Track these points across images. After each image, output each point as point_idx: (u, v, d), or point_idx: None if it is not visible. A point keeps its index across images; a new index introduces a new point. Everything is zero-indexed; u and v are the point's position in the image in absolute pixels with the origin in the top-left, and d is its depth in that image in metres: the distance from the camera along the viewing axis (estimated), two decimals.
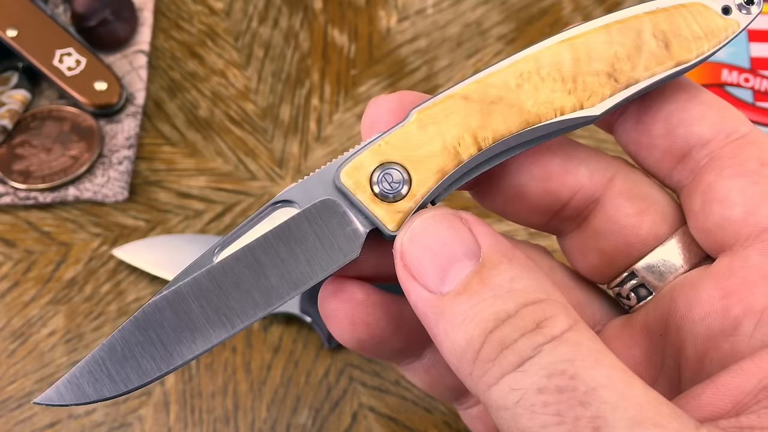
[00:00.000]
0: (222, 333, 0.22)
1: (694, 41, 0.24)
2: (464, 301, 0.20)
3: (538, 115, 0.23)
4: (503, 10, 0.55)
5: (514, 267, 0.21)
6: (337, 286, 0.25)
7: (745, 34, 0.48)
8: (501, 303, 0.20)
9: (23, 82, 0.50)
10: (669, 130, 0.24)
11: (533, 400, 0.18)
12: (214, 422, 0.42)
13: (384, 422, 0.42)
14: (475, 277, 0.20)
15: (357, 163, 0.23)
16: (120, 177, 0.47)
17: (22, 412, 0.42)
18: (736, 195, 0.23)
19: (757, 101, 0.46)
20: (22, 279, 0.45)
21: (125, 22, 0.52)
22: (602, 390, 0.18)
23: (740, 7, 0.24)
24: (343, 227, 0.23)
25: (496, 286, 0.20)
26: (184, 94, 0.52)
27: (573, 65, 0.23)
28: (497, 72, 0.23)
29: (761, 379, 0.20)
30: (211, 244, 0.23)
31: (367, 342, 0.25)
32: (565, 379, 0.18)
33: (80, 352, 0.43)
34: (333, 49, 0.54)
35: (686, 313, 0.23)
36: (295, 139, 0.50)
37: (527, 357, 0.19)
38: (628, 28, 0.23)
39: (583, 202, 0.26)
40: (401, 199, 0.23)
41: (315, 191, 0.23)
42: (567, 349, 0.19)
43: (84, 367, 0.22)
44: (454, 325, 0.20)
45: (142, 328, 0.22)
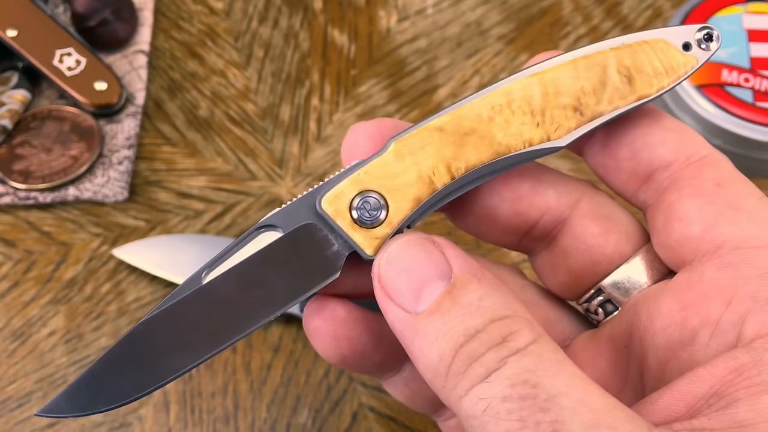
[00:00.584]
0: (210, 349, 0.24)
1: (655, 77, 0.25)
2: (437, 319, 0.21)
3: (508, 146, 0.25)
4: (503, 10, 0.55)
5: (482, 286, 0.22)
6: (320, 304, 0.26)
7: (746, 34, 0.48)
8: (470, 320, 0.21)
9: (23, 82, 0.50)
10: (633, 153, 0.26)
11: (498, 408, 0.19)
12: (214, 422, 0.42)
13: (384, 422, 0.42)
14: (447, 296, 0.22)
15: (337, 191, 0.24)
16: (120, 177, 0.47)
17: (22, 412, 0.42)
18: (695, 214, 0.24)
19: (757, 101, 0.46)
20: (22, 279, 0.45)
21: (125, 22, 0.52)
22: (562, 397, 0.19)
23: (699, 43, 0.25)
24: (324, 250, 0.25)
25: (466, 305, 0.21)
26: (184, 94, 0.52)
27: (542, 99, 0.25)
28: (470, 105, 0.25)
29: (713, 385, 0.21)
30: (211, 244, 0.24)
31: (349, 357, 0.26)
32: (527, 387, 0.19)
33: (80, 352, 0.43)
34: (333, 49, 0.53)
35: (648, 324, 0.25)
36: (295, 139, 0.50)
37: (494, 369, 0.20)
38: (594, 64, 0.25)
39: (551, 222, 0.27)
40: (379, 225, 0.24)
41: (297, 216, 0.25)
42: (530, 360, 0.20)
43: (81, 380, 0.24)
44: (428, 342, 0.21)
45: (136, 345, 0.24)
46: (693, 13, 0.49)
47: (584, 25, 0.54)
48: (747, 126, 0.45)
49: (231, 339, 0.24)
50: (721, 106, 0.46)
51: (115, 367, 0.24)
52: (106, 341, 0.43)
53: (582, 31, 0.54)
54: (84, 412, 0.24)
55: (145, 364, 0.24)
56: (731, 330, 0.23)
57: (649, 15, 0.54)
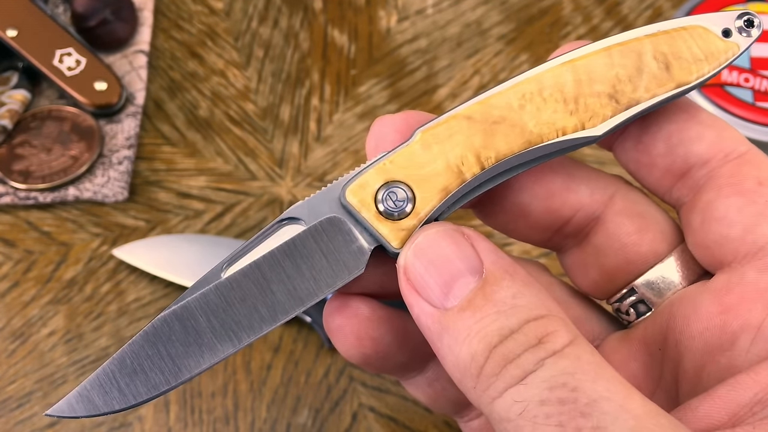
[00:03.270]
0: (229, 347, 0.23)
1: (694, 63, 0.24)
2: (468, 317, 0.20)
3: (540, 135, 0.24)
4: (503, 10, 0.55)
5: (516, 283, 0.21)
6: (342, 302, 0.25)
7: None
8: (505, 319, 0.20)
9: (23, 82, 0.50)
10: (669, 149, 0.25)
11: (536, 412, 0.19)
12: (214, 422, 0.42)
13: (384, 422, 0.42)
14: (479, 293, 0.21)
15: (362, 182, 0.23)
16: (120, 177, 0.47)
17: (22, 412, 0.42)
18: (735, 214, 0.23)
19: (757, 101, 0.46)
20: (22, 279, 0.45)
21: (125, 22, 0.52)
22: (603, 402, 0.18)
23: (740, 29, 0.24)
24: (349, 244, 0.24)
25: (499, 302, 0.20)
26: (184, 94, 0.52)
27: (575, 87, 0.24)
28: (500, 93, 0.24)
29: (757, 393, 0.20)
30: (211, 244, 0.24)
31: (372, 357, 0.25)
32: (566, 391, 0.19)
33: (80, 352, 0.43)
34: (333, 49, 0.54)
35: (684, 327, 0.24)
36: (295, 139, 0.50)
37: (530, 371, 0.19)
38: (630, 50, 0.24)
39: (584, 219, 0.26)
40: (405, 217, 0.23)
41: (321, 208, 0.24)
42: (568, 362, 0.19)
43: (94, 380, 0.23)
44: (458, 340, 0.20)
45: (151, 342, 0.23)
46: (693, 13, 0.49)
47: (584, 25, 0.54)
48: (747, 126, 0.45)
49: (250, 337, 0.23)
50: (721, 106, 0.46)
51: (129, 366, 0.23)
52: (106, 341, 0.43)
53: (582, 31, 0.54)
54: (97, 413, 0.23)
55: (161, 362, 0.23)
56: None
57: (649, 15, 0.54)
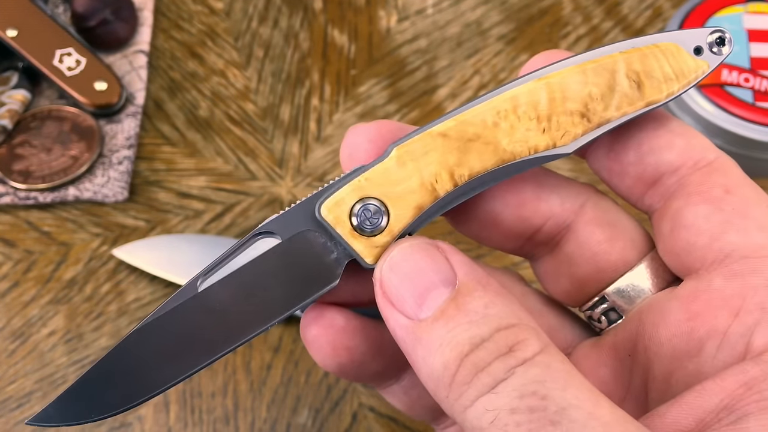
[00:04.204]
0: (204, 359, 0.23)
1: (665, 82, 0.24)
2: (441, 327, 0.21)
3: (513, 153, 0.24)
4: (503, 10, 0.55)
5: (488, 293, 0.21)
6: (318, 312, 0.26)
7: (746, 34, 0.48)
8: (476, 328, 0.20)
9: (23, 82, 0.50)
10: (639, 157, 0.25)
11: (506, 420, 0.19)
12: (214, 422, 0.42)
13: (384, 422, 0.42)
14: (451, 303, 0.21)
15: (337, 198, 0.24)
16: (120, 177, 0.47)
17: (22, 412, 0.42)
18: (702, 221, 0.24)
19: (757, 101, 0.46)
20: (22, 279, 0.45)
21: (125, 22, 0.52)
22: (572, 410, 0.19)
23: (711, 46, 0.24)
24: (323, 258, 0.24)
25: (471, 312, 0.21)
26: (184, 94, 0.52)
27: (548, 105, 0.24)
28: (475, 110, 0.24)
29: (722, 399, 0.21)
30: (211, 244, 0.24)
31: (347, 366, 0.26)
32: (536, 399, 0.19)
33: (80, 352, 0.43)
34: (333, 49, 0.53)
35: (653, 334, 0.24)
36: (295, 139, 0.50)
37: (501, 379, 0.20)
38: (603, 68, 0.24)
39: (555, 228, 0.26)
40: (379, 233, 0.24)
41: (296, 223, 0.24)
42: (538, 370, 0.20)
43: (72, 390, 0.23)
44: (431, 350, 0.21)
45: (127, 354, 0.23)
46: (693, 13, 0.49)
47: (584, 25, 0.54)
48: (747, 126, 0.45)
49: (226, 348, 0.23)
50: (721, 106, 0.46)
51: (106, 377, 0.23)
52: (106, 341, 0.43)
53: (582, 31, 0.54)
54: (74, 422, 0.23)
55: (136, 374, 0.23)
56: (739, 341, 0.22)
57: (649, 15, 0.54)
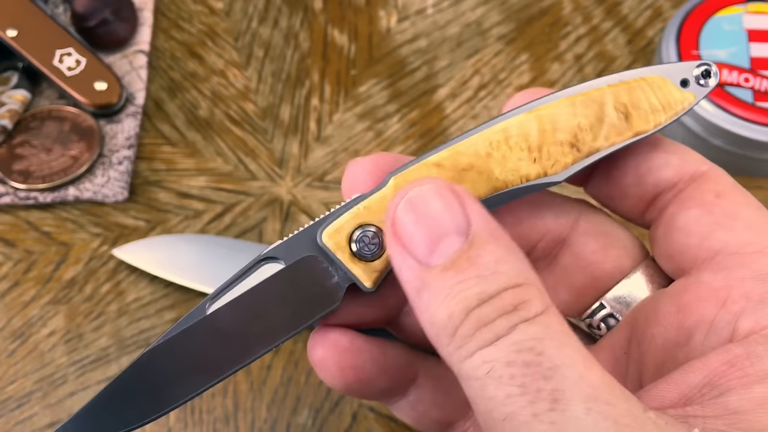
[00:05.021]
0: (213, 378, 0.25)
1: (652, 113, 0.25)
2: (450, 277, 0.21)
3: (505, 181, 0.25)
4: (503, 10, 0.55)
5: (499, 248, 0.22)
6: (323, 334, 0.26)
7: (746, 34, 0.48)
8: (485, 284, 0.21)
9: (23, 82, 0.50)
10: (638, 179, 0.26)
11: (501, 372, 0.20)
12: (214, 422, 0.42)
13: (384, 422, 0.42)
14: (464, 254, 0.21)
15: (337, 226, 0.25)
16: (120, 177, 0.47)
17: (22, 412, 0.42)
18: (693, 224, 0.25)
19: (757, 101, 0.46)
20: (22, 279, 0.45)
21: (125, 22, 0.52)
22: (565, 368, 0.19)
23: (697, 79, 0.26)
24: (324, 282, 0.25)
25: (482, 267, 0.21)
26: (184, 94, 0.52)
27: (539, 136, 0.25)
28: (468, 141, 0.25)
29: (706, 375, 0.22)
30: (211, 244, 0.25)
31: (354, 385, 0.27)
32: (532, 355, 0.20)
33: (80, 352, 0.43)
34: (333, 49, 0.54)
35: (645, 329, 0.25)
36: (295, 139, 0.50)
37: (502, 335, 0.20)
38: (592, 101, 0.25)
39: (551, 243, 0.28)
40: (378, 258, 0.25)
41: (298, 249, 0.25)
42: (538, 329, 0.20)
43: (89, 408, 0.25)
44: (438, 299, 0.21)
45: (141, 373, 0.25)
46: (693, 13, 0.49)
47: (584, 25, 0.54)
48: (747, 126, 0.45)
49: (233, 368, 0.25)
50: (721, 106, 0.46)
51: (120, 396, 0.24)
52: (106, 341, 0.43)
53: (582, 31, 0.54)
54: None
55: (150, 392, 0.24)
56: (725, 328, 0.23)
57: (649, 15, 0.54)
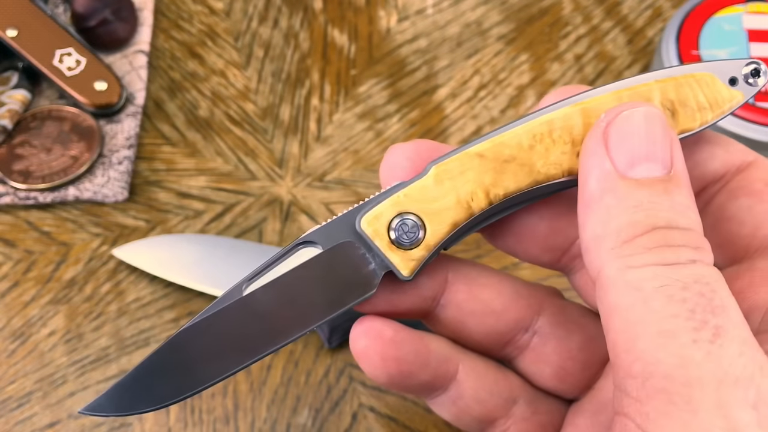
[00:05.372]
0: (247, 358, 0.25)
1: (699, 111, 0.25)
2: (645, 193, 0.22)
3: (547, 175, 0.25)
4: (503, 10, 0.55)
5: (691, 197, 0.22)
6: (367, 325, 0.26)
7: (746, 34, 0.48)
8: (675, 215, 0.21)
9: (23, 82, 0.50)
10: None
11: (675, 292, 0.20)
12: (214, 422, 0.42)
13: (384, 422, 0.42)
14: (662, 183, 0.22)
15: (377, 212, 0.25)
16: (120, 177, 0.47)
17: (22, 412, 0.42)
18: (744, 213, 0.25)
19: (757, 101, 0.46)
20: (22, 279, 0.45)
21: (125, 22, 0.52)
22: (731, 310, 0.20)
23: (746, 78, 0.25)
24: (361, 268, 0.25)
25: (676, 202, 0.22)
26: (184, 94, 0.52)
27: (583, 129, 0.25)
28: (511, 132, 0.25)
29: None
30: (211, 244, 0.25)
31: (396, 376, 0.27)
32: (708, 289, 0.20)
33: (80, 352, 0.43)
34: (333, 49, 0.53)
35: None
36: (295, 139, 0.50)
37: (681, 263, 0.21)
38: (638, 96, 0.25)
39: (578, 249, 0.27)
40: (415, 247, 0.25)
41: (336, 234, 0.25)
42: (715, 272, 0.21)
43: (124, 382, 0.25)
44: (624, 205, 0.21)
45: (177, 351, 0.25)
46: (693, 13, 0.49)
47: (584, 25, 0.54)
48: (747, 126, 0.45)
49: (268, 349, 0.25)
50: None
51: (156, 372, 0.25)
52: (106, 341, 0.43)
53: (582, 31, 0.54)
54: (125, 413, 0.25)
55: (185, 369, 0.25)
56: None
57: (649, 15, 0.54)
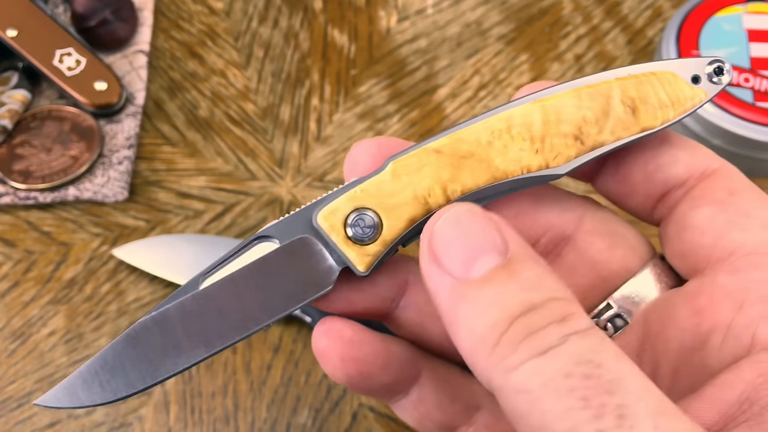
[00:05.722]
0: (202, 352, 0.25)
1: (660, 109, 0.24)
2: (491, 288, 0.21)
3: (505, 171, 0.24)
4: (503, 10, 0.55)
5: (539, 266, 0.21)
6: (328, 325, 0.26)
7: (746, 34, 0.48)
8: (528, 294, 0.20)
9: (23, 82, 0.50)
10: (647, 176, 0.25)
11: (559, 384, 0.19)
12: (214, 422, 0.42)
13: (384, 422, 0.42)
14: (503, 270, 0.21)
15: (333, 207, 0.25)
16: (120, 177, 0.47)
17: (22, 412, 0.42)
18: (706, 222, 0.24)
19: (757, 101, 0.46)
20: (22, 279, 0.45)
21: (125, 22, 0.52)
22: (627, 380, 0.18)
23: (710, 76, 0.25)
24: (318, 264, 0.25)
25: (523, 280, 0.21)
26: (184, 94, 0.52)
27: (542, 126, 0.24)
28: (470, 128, 0.25)
29: (743, 391, 0.21)
30: (211, 244, 0.25)
31: (356, 378, 0.26)
32: (592, 367, 0.19)
33: (80, 352, 0.43)
34: (333, 49, 0.54)
35: (660, 331, 0.25)
36: (295, 139, 0.50)
37: (554, 345, 0.19)
38: (598, 93, 0.24)
39: (554, 239, 0.27)
40: (372, 242, 0.25)
41: (294, 229, 0.25)
42: (593, 341, 0.19)
43: (79, 375, 0.25)
44: (477, 309, 0.21)
45: (132, 344, 0.25)
46: (693, 13, 0.49)
47: (584, 25, 0.54)
48: (747, 126, 0.45)
49: (224, 344, 0.25)
50: (721, 106, 0.46)
51: (111, 365, 0.25)
52: (106, 341, 0.43)
53: (582, 31, 0.54)
54: (79, 405, 0.25)
55: (140, 363, 0.24)
56: (744, 333, 0.22)
57: (649, 15, 0.54)
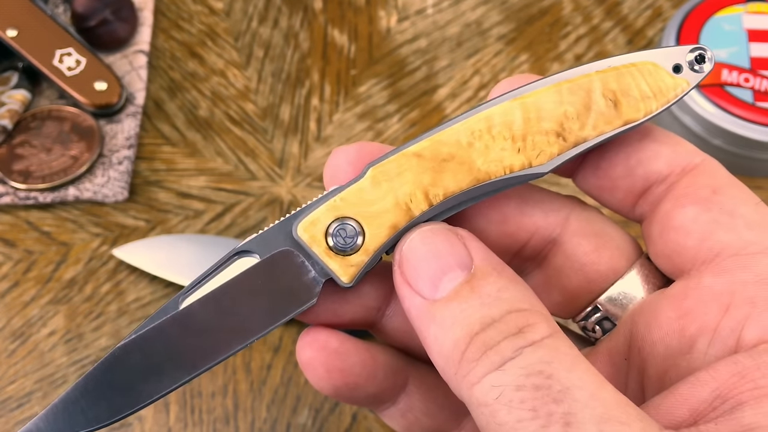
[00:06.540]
0: (186, 374, 0.24)
1: (642, 101, 0.24)
2: (454, 307, 0.22)
3: (487, 172, 0.24)
4: (503, 10, 0.55)
5: (502, 278, 0.22)
6: (312, 335, 0.26)
7: (746, 34, 0.48)
8: (487, 309, 0.21)
9: (23, 82, 0.50)
10: (628, 171, 0.25)
11: (511, 397, 0.19)
12: (214, 422, 0.42)
13: (384, 422, 0.42)
14: (466, 285, 0.22)
15: (313, 218, 0.24)
16: (120, 177, 0.47)
17: (22, 412, 0.42)
18: (691, 223, 0.24)
19: (757, 101, 0.46)
20: (22, 279, 0.45)
21: (125, 22, 0.52)
22: (575, 390, 0.19)
23: (691, 64, 0.24)
24: (301, 276, 0.24)
25: (484, 295, 0.22)
26: (184, 94, 0.52)
27: (523, 124, 0.24)
28: (449, 130, 0.24)
29: (716, 389, 0.21)
30: (211, 244, 0.24)
31: (341, 388, 0.26)
32: (541, 378, 0.19)
33: (80, 352, 0.43)
34: (333, 49, 0.54)
35: (646, 334, 0.24)
36: (295, 139, 0.50)
37: (509, 358, 0.20)
38: (579, 88, 0.24)
39: (541, 242, 0.27)
40: (355, 252, 0.24)
41: (274, 242, 0.24)
42: (545, 352, 0.20)
43: (60, 403, 0.24)
44: (443, 329, 0.21)
45: (113, 369, 0.24)
46: (693, 12, 0.49)
47: (584, 25, 0.54)
48: (747, 126, 0.45)
49: (208, 364, 0.24)
50: (721, 106, 0.46)
51: (92, 392, 0.24)
52: (106, 341, 0.43)
53: (582, 31, 0.54)
54: None
55: (121, 388, 0.24)
56: (730, 336, 0.22)
57: (649, 15, 0.54)
